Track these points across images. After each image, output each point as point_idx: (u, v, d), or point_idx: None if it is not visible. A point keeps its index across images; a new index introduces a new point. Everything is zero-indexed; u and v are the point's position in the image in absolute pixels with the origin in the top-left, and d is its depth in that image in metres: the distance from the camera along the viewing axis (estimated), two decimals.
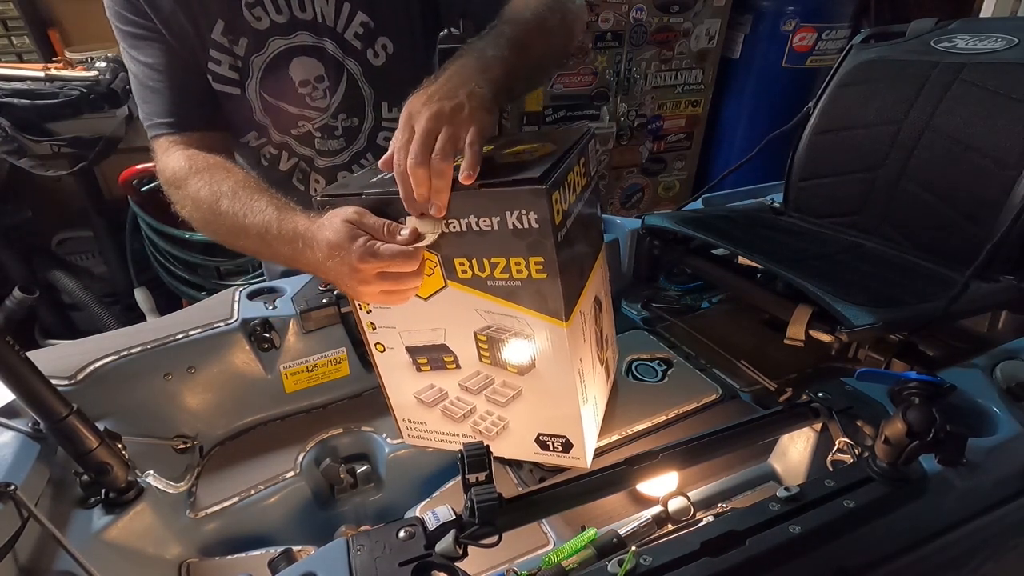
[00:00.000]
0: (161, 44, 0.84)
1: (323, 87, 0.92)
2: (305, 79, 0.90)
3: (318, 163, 0.98)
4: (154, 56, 0.84)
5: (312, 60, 0.89)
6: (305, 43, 0.88)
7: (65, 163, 1.89)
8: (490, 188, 0.56)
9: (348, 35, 0.89)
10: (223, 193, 0.76)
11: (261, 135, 0.94)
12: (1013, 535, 0.67)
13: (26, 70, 1.92)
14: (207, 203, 0.78)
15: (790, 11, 2.42)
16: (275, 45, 0.86)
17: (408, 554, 0.51)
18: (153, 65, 0.85)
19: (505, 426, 0.73)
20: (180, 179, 0.82)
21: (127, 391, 0.78)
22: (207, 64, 0.85)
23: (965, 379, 0.68)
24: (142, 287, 2.22)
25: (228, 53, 0.85)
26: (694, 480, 0.75)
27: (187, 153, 0.84)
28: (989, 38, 0.95)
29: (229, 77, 0.87)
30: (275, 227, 0.69)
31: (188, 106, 0.87)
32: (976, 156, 0.90)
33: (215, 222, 0.78)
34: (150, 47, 0.84)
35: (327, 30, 0.88)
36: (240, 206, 0.74)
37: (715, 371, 0.91)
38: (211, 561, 0.70)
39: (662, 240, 1.07)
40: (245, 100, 0.89)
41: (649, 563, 0.50)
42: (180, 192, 0.83)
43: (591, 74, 2.44)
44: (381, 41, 0.91)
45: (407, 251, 0.59)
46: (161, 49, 0.84)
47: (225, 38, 0.84)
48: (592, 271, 0.72)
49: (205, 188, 0.78)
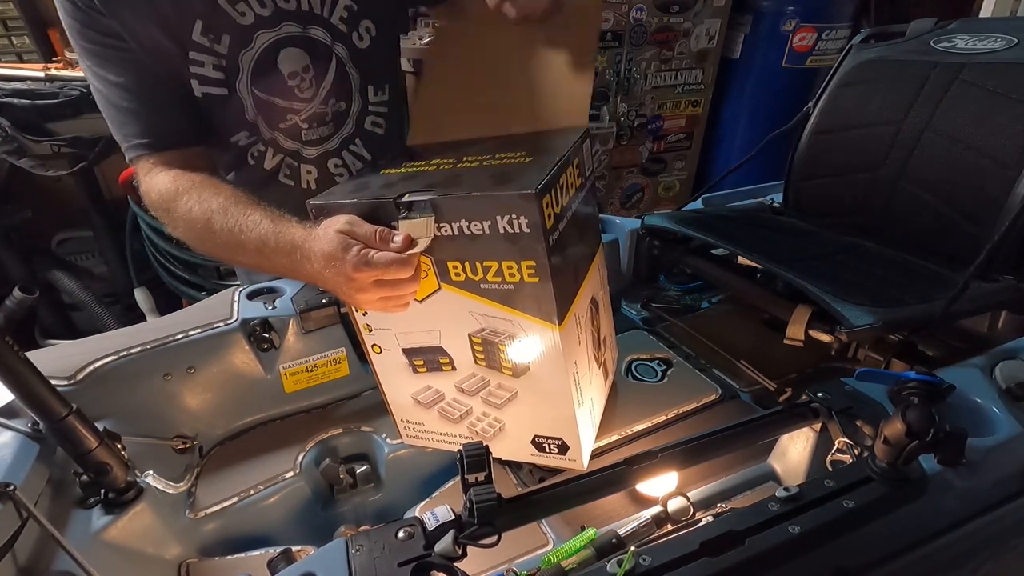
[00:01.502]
0: (130, 60, 0.80)
1: (310, 76, 0.92)
2: (294, 70, 0.90)
3: (306, 153, 0.97)
4: (123, 74, 0.81)
5: (298, 50, 0.89)
6: (291, 33, 0.88)
7: (65, 163, 1.89)
8: (481, 192, 0.56)
9: (334, 19, 0.90)
10: (214, 211, 0.76)
11: (252, 133, 0.93)
12: (1013, 535, 0.67)
13: (26, 70, 1.92)
14: (200, 222, 0.77)
15: (790, 11, 2.42)
16: (262, 39, 0.86)
17: (407, 554, 0.51)
18: (123, 84, 0.82)
19: (502, 428, 0.73)
20: (168, 201, 0.81)
21: (127, 391, 0.78)
22: (188, 68, 0.83)
23: (965, 379, 0.68)
24: (142, 287, 2.22)
25: (210, 53, 0.83)
26: (694, 480, 0.75)
27: (171, 174, 0.83)
28: (989, 38, 0.95)
29: (214, 78, 0.85)
30: (272, 240, 0.69)
31: (165, 124, 0.85)
32: (976, 156, 0.90)
33: (210, 240, 0.77)
34: (119, 65, 0.81)
35: (313, 17, 0.88)
36: (234, 222, 0.73)
37: (715, 371, 0.91)
38: (211, 561, 0.70)
39: (662, 240, 1.07)
40: (235, 99, 0.88)
41: (648, 563, 0.50)
42: (170, 215, 0.82)
43: None
44: (365, 24, 0.93)
45: (401, 258, 0.59)
46: (130, 66, 0.81)
47: (205, 37, 0.82)
48: (588, 272, 0.72)
49: (196, 207, 0.77)
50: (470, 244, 0.59)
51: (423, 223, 0.59)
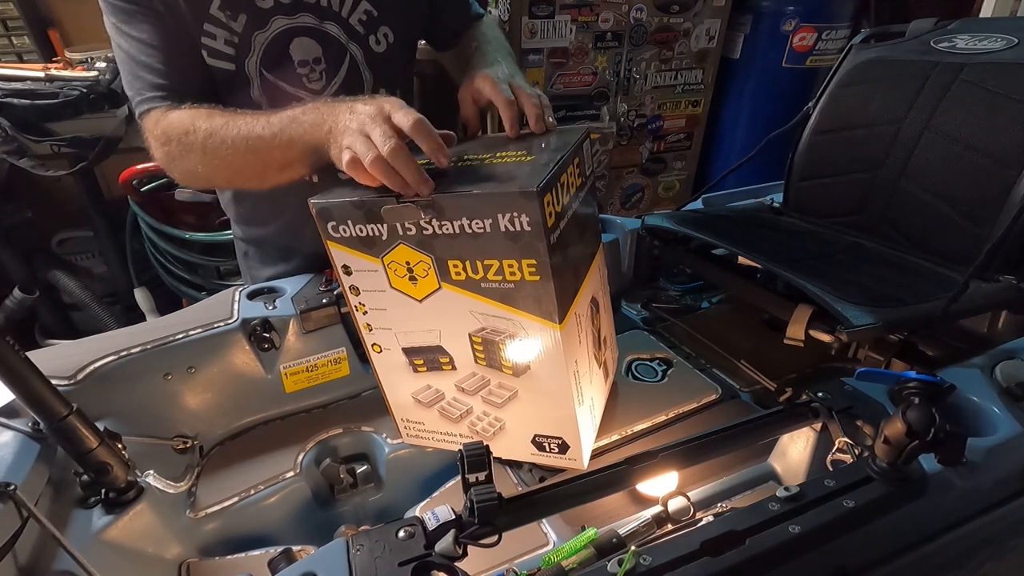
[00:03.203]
0: (155, 19, 0.83)
1: (320, 69, 0.93)
2: (304, 59, 0.91)
3: None
4: (147, 32, 0.83)
5: (312, 41, 0.91)
6: (307, 24, 0.89)
7: (65, 163, 1.89)
8: (482, 191, 0.56)
9: (352, 20, 0.92)
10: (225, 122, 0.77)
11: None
12: (1013, 535, 0.67)
13: (26, 70, 1.92)
14: (210, 136, 0.78)
15: (790, 11, 2.42)
16: (278, 24, 0.87)
17: (408, 554, 0.51)
18: (145, 40, 0.83)
19: (502, 427, 0.73)
20: (172, 131, 0.81)
21: (127, 391, 0.78)
22: (200, 39, 0.85)
23: (965, 379, 0.68)
24: (142, 287, 2.22)
25: (225, 28, 0.85)
26: (694, 480, 0.75)
27: (182, 111, 0.83)
28: (989, 38, 0.95)
29: (224, 52, 0.87)
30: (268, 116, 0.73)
31: (181, 78, 0.85)
32: (976, 156, 0.90)
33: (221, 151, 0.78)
34: (143, 23, 0.83)
35: (331, 14, 0.90)
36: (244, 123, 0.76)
37: (715, 371, 0.91)
38: (211, 561, 0.70)
39: (662, 240, 1.07)
40: (241, 76, 0.89)
41: (649, 563, 0.50)
42: (168, 147, 0.82)
43: (591, 74, 2.44)
44: (383, 30, 0.95)
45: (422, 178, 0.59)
46: (154, 25, 0.83)
47: (223, 13, 0.84)
48: (589, 272, 0.72)
49: (204, 124, 0.78)
50: (471, 242, 0.59)
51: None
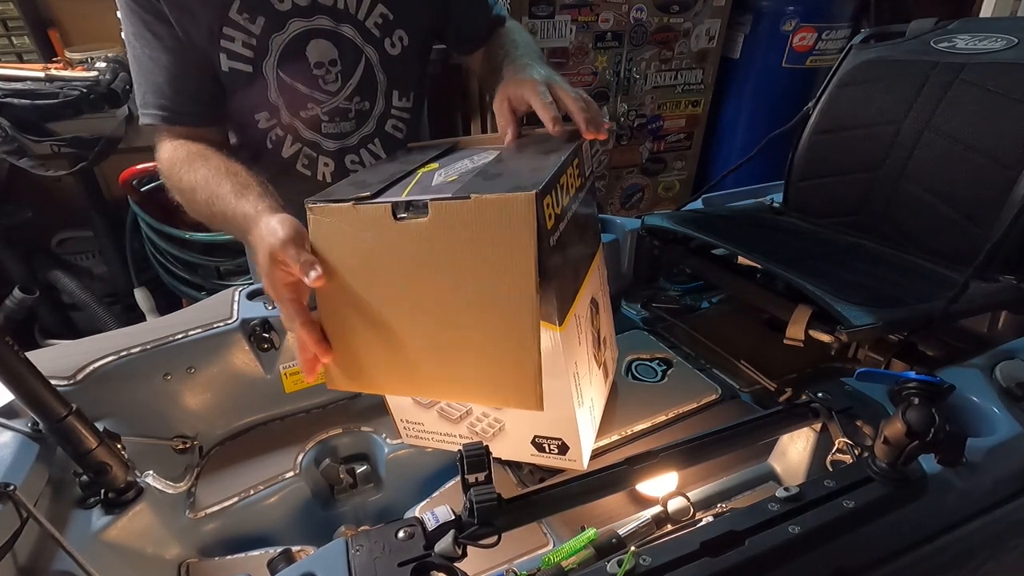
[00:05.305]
0: (167, 36, 0.84)
1: (336, 71, 0.94)
2: (320, 61, 0.92)
3: (326, 146, 1.00)
4: (158, 48, 0.85)
5: (327, 43, 0.92)
6: (323, 26, 0.90)
7: (65, 163, 1.89)
8: (480, 194, 0.56)
9: (368, 23, 0.93)
10: (198, 181, 0.80)
11: (272, 116, 0.95)
12: (1013, 535, 0.67)
13: (26, 70, 1.92)
14: (188, 192, 0.82)
15: (790, 11, 2.42)
16: (295, 26, 0.89)
17: (407, 554, 0.51)
18: (154, 58, 0.86)
19: (502, 428, 0.73)
20: (166, 170, 0.87)
21: (127, 391, 0.78)
22: (219, 42, 0.86)
23: (965, 379, 0.68)
24: (142, 287, 2.22)
25: (243, 31, 0.86)
26: (694, 480, 0.75)
27: (174, 144, 0.88)
28: (989, 38, 0.95)
29: (243, 55, 0.88)
30: (230, 215, 0.73)
31: (183, 103, 0.88)
32: (976, 156, 0.90)
33: (196, 210, 0.83)
34: (155, 37, 0.85)
35: (347, 16, 0.91)
36: (210, 192, 0.78)
37: (715, 371, 0.91)
38: (211, 561, 0.70)
39: (662, 240, 1.07)
40: (259, 78, 0.91)
41: (648, 563, 0.50)
42: (169, 182, 0.87)
43: (591, 74, 2.44)
44: (398, 33, 0.96)
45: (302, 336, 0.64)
46: (166, 42, 0.85)
47: (241, 16, 0.85)
48: (588, 273, 0.72)
49: (187, 177, 0.82)
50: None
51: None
